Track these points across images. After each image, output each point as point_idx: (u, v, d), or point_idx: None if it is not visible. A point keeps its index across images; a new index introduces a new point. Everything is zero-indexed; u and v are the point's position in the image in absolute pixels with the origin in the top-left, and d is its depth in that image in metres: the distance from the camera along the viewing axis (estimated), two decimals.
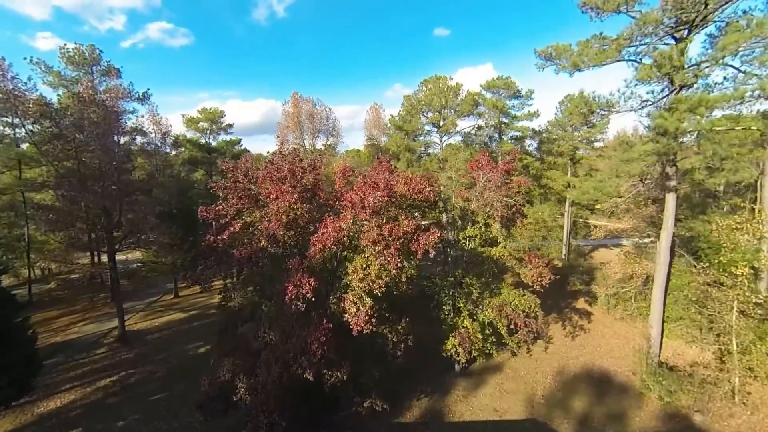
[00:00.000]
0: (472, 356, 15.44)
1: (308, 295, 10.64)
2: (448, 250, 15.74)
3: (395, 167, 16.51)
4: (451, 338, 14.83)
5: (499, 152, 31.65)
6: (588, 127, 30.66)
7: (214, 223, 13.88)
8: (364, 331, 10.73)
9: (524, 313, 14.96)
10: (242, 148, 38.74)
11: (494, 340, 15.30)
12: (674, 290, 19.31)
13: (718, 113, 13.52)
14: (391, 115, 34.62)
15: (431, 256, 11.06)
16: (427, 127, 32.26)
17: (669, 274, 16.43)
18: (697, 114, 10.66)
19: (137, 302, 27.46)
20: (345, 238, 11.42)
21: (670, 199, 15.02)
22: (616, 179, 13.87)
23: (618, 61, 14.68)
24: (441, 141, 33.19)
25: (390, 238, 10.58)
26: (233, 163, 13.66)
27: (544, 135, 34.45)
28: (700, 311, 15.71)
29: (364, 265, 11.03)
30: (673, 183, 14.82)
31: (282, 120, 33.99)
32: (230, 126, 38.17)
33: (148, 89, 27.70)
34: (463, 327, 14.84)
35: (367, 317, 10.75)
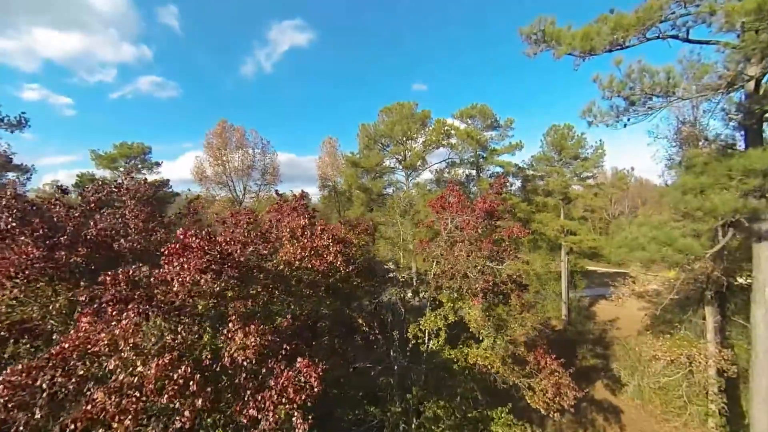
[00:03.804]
0: None
1: None
2: (393, 354, 8.76)
3: (312, 210, 10.16)
4: None
5: (478, 193, 26.14)
6: (580, 161, 25.83)
7: None
8: None
9: None
10: (171, 191, 31.77)
11: None
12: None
13: None
14: (351, 152, 29.14)
15: None
16: (389, 163, 26.61)
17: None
18: None
19: None
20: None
21: (765, 252, 8.94)
22: (683, 223, 7.80)
23: (647, 40, 9.40)
24: (407, 180, 27.50)
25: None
26: None
27: (529, 172, 29.46)
28: None
29: None
30: None
31: (203, 153, 27.52)
32: (158, 165, 31.64)
33: (23, 112, 21.21)
34: None
35: None
